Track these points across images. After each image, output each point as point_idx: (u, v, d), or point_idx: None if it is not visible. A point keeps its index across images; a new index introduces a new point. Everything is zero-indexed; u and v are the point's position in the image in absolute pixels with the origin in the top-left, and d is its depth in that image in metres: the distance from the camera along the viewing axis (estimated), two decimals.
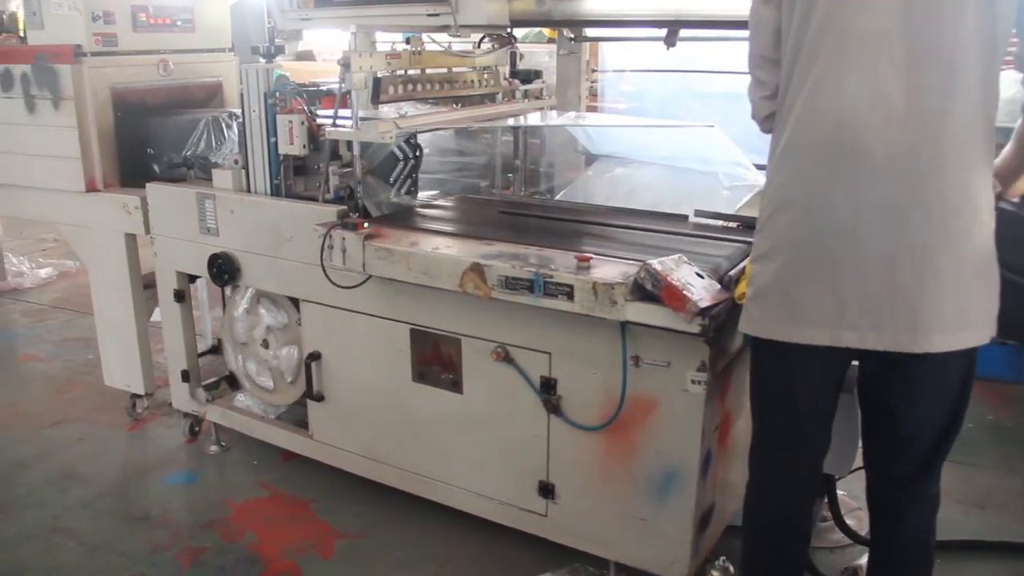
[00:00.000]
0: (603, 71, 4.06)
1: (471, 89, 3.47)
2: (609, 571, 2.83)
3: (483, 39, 3.54)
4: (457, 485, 3.06)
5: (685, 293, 2.27)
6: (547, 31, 4.78)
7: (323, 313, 3.19)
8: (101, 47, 3.69)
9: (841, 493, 3.02)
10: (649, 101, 3.90)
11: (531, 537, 2.94)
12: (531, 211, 3.35)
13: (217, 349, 3.92)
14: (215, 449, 3.83)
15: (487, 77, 3.54)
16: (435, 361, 2.97)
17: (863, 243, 1.90)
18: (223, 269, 3.36)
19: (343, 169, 3.11)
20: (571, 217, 3.23)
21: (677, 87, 3.60)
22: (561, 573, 2.90)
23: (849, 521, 3.00)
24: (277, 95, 3.13)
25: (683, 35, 3.16)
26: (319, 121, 3.12)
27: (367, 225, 2.89)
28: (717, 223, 3.08)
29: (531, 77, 3.73)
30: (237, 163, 3.33)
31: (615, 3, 3.12)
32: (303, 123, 3.06)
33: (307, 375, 3.27)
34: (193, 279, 3.75)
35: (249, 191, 3.31)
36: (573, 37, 3.68)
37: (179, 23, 4.01)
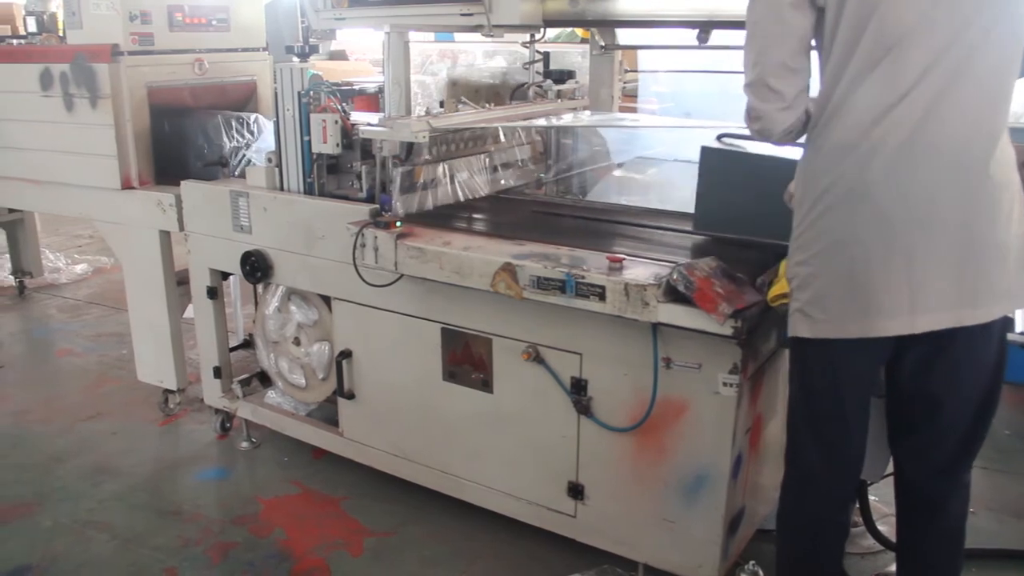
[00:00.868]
0: (637, 71, 4.04)
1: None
2: (637, 573, 2.81)
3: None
4: (486, 484, 3.07)
5: (717, 295, 2.25)
6: (580, 31, 4.76)
7: (355, 311, 3.21)
8: (138, 46, 3.75)
9: (872, 499, 2.99)
10: (684, 101, 3.88)
11: (559, 537, 2.94)
12: (563, 211, 3.35)
13: (248, 343, 3.95)
14: (246, 445, 3.86)
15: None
16: (466, 361, 2.97)
17: (936, 229, 1.93)
18: (256, 267, 3.38)
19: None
20: (603, 217, 3.23)
21: (713, 88, 3.57)
22: (589, 574, 2.89)
23: (880, 527, 2.97)
24: (311, 94, 3.16)
25: (716, 40, 3.13)
26: (352, 120, 3.14)
27: (399, 224, 2.90)
28: None
29: (564, 77, 3.73)
30: (271, 161, 3.36)
31: (649, 3, 3.10)
32: (336, 122, 3.09)
33: (338, 373, 3.29)
34: (226, 276, 3.78)
35: (282, 189, 3.33)
36: (604, 45, 3.68)
37: (214, 23, 4.06)
